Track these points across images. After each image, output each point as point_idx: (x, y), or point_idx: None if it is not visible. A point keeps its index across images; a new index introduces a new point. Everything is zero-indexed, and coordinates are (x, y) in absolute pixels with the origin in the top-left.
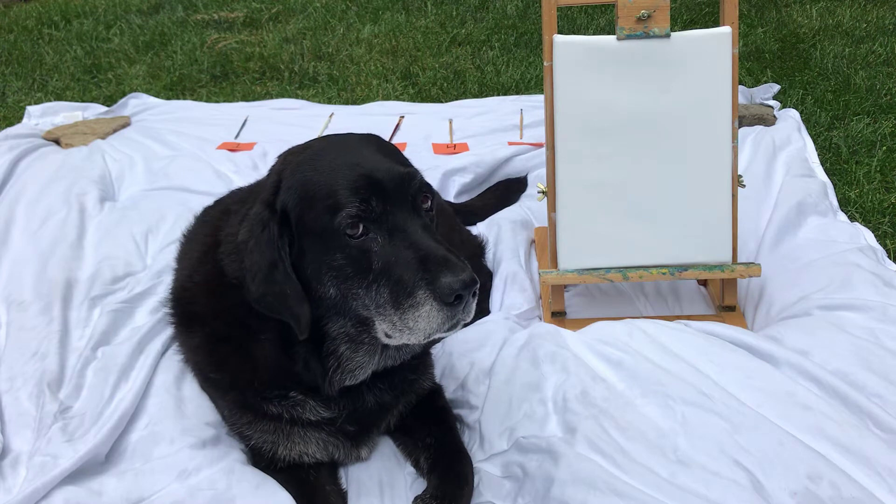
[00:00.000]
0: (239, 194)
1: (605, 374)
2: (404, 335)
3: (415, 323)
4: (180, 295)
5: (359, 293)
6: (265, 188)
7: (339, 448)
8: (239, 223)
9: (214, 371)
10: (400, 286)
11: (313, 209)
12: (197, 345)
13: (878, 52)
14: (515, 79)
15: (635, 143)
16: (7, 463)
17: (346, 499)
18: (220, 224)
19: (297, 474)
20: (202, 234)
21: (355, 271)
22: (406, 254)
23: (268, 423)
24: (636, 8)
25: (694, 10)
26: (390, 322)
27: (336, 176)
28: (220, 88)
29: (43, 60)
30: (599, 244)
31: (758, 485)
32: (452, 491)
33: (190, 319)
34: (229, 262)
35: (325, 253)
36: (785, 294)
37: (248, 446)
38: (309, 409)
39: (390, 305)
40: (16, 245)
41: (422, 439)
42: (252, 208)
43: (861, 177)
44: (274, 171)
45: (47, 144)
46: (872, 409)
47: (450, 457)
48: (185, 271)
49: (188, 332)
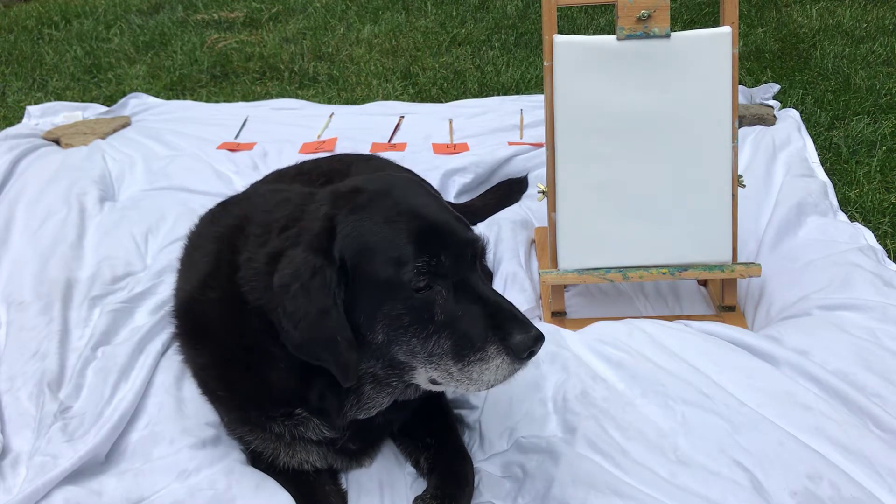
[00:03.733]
0: (247, 206)
1: (605, 374)
2: (462, 385)
3: (480, 375)
4: (189, 308)
5: (412, 342)
6: (309, 230)
7: (340, 461)
8: (266, 252)
9: (223, 390)
10: (466, 340)
11: (375, 261)
12: (206, 363)
13: (878, 52)
14: (515, 79)
15: (635, 143)
16: (7, 463)
17: (345, 499)
18: (235, 241)
19: (297, 475)
20: (214, 248)
21: (414, 322)
22: (473, 309)
23: (270, 435)
24: (636, 8)
25: (694, 10)
26: (445, 372)
27: (400, 227)
28: (220, 88)
29: (43, 60)
30: (599, 244)
31: (758, 485)
32: (453, 491)
33: (199, 336)
34: (250, 290)
35: (384, 303)
36: (785, 294)
37: (248, 450)
38: (312, 429)
39: (450, 357)
40: (16, 245)
41: (422, 439)
42: (291, 248)
43: (861, 177)
44: (322, 214)
45: (47, 144)
46: (872, 409)
47: (450, 457)
48: (195, 283)
49: (196, 348)
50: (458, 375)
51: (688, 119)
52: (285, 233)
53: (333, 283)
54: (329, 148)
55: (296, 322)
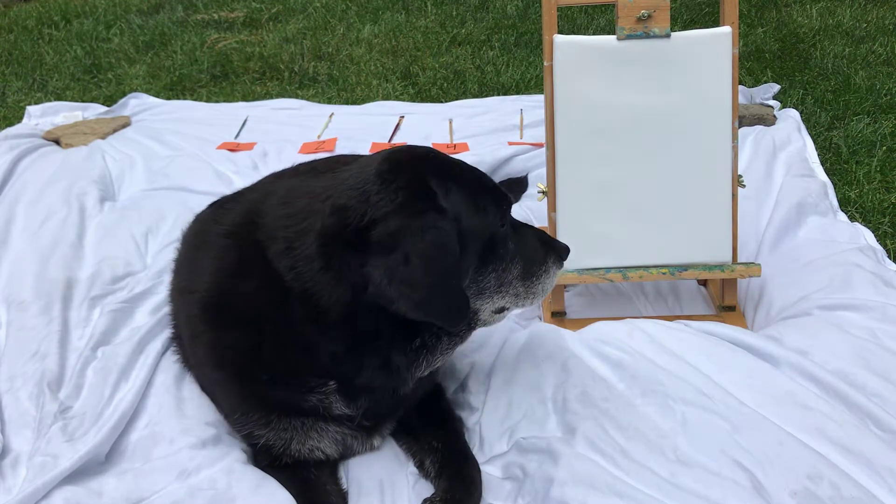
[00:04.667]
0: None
1: (605, 374)
2: (525, 302)
3: (542, 287)
4: (219, 301)
5: (496, 277)
6: (404, 192)
7: (354, 440)
8: (318, 235)
9: (265, 370)
10: (531, 261)
11: (475, 208)
12: (246, 347)
13: (878, 52)
14: (515, 79)
15: (635, 143)
16: (7, 463)
17: (346, 499)
18: (253, 236)
19: (298, 473)
20: (230, 244)
21: (497, 258)
22: (526, 236)
23: (289, 420)
24: (636, 8)
25: (694, 10)
26: (513, 296)
27: (479, 178)
28: (220, 88)
29: (43, 60)
30: (599, 244)
31: (758, 485)
32: (461, 496)
33: (234, 325)
34: (297, 276)
35: (483, 244)
36: (785, 294)
37: (254, 445)
38: (335, 403)
39: (519, 280)
40: (16, 245)
41: (427, 442)
42: (391, 215)
43: (861, 177)
44: (411, 176)
45: (47, 144)
46: (872, 409)
47: (459, 461)
48: (216, 279)
49: (226, 331)
50: (524, 293)
51: (688, 119)
52: (343, 212)
53: (453, 236)
54: (329, 148)
55: (413, 286)
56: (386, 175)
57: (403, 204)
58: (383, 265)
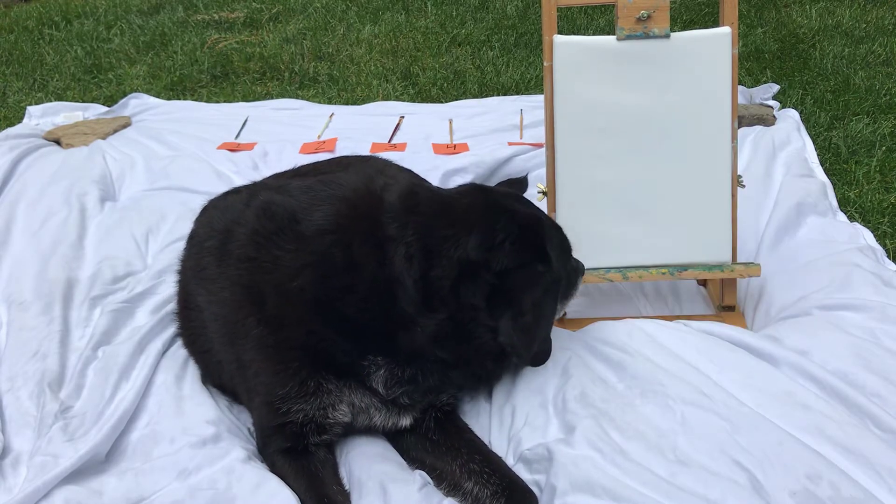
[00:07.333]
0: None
1: (604, 374)
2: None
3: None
4: (322, 302)
5: (560, 306)
6: (501, 252)
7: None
8: (457, 260)
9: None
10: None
11: (564, 257)
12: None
13: (877, 53)
14: (515, 79)
15: (635, 144)
16: (8, 462)
17: (349, 499)
18: (375, 235)
19: (304, 469)
20: (306, 248)
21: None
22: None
23: (335, 385)
24: (636, 8)
25: (694, 10)
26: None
27: (553, 227)
28: (221, 88)
29: (43, 60)
30: (599, 244)
31: (757, 485)
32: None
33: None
34: (428, 300)
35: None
36: (784, 294)
37: (272, 428)
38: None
39: (561, 302)
40: (16, 245)
41: (465, 465)
42: (503, 255)
43: (861, 177)
44: (524, 218)
45: (48, 144)
46: (872, 409)
47: (519, 495)
48: (334, 279)
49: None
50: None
51: (687, 119)
52: (487, 252)
53: (560, 285)
54: (329, 148)
55: (533, 338)
56: (513, 232)
57: (518, 248)
58: (511, 318)
